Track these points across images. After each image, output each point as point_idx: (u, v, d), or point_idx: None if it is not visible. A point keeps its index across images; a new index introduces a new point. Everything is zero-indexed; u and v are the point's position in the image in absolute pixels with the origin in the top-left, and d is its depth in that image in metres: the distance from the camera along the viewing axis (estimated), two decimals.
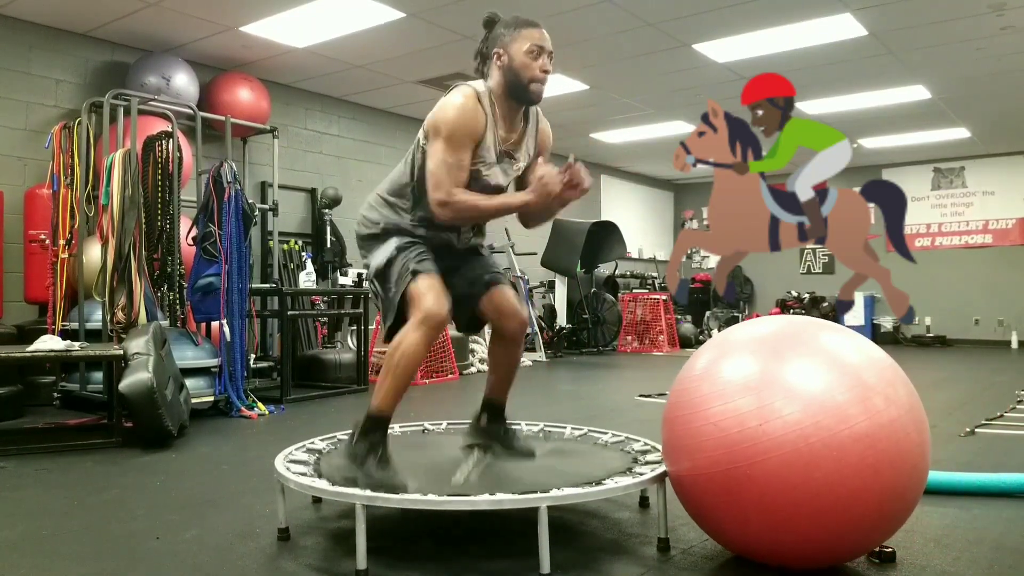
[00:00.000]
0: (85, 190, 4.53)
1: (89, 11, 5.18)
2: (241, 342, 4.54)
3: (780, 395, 1.71)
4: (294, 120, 7.04)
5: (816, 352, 1.81)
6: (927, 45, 5.90)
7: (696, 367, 1.94)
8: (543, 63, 2.16)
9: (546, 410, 4.51)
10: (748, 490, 1.71)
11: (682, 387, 1.94)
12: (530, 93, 2.18)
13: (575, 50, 6.03)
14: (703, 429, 1.78)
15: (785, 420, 1.68)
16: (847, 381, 1.72)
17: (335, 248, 6.81)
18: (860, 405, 1.69)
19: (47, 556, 2.04)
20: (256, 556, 2.04)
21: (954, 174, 10.61)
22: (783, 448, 1.66)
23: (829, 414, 1.67)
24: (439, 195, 2.13)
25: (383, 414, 2.13)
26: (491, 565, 1.98)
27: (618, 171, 11.50)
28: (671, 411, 1.95)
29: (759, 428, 1.69)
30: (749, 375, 1.78)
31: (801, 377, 1.75)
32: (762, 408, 1.71)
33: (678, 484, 1.94)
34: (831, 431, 1.65)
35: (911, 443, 1.72)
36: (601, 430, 2.76)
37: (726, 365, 1.85)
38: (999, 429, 3.84)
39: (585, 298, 9.21)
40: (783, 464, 1.66)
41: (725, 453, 1.73)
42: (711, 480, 1.78)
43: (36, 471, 3.02)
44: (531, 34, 2.16)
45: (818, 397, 1.70)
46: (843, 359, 1.79)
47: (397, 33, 5.62)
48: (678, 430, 1.89)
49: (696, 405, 1.83)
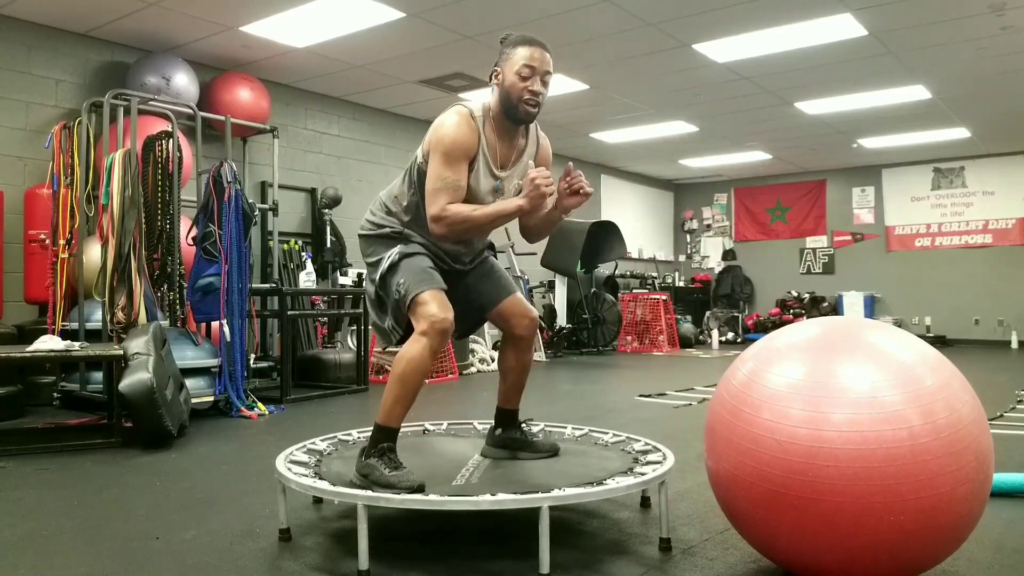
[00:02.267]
0: (85, 190, 4.53)
1: (89, 11, 5.18)
2: (241, 342, 4.54)
3: (837, 404, 1.62)
4: (294, 120, 7.04)
5: (871, 355, 1.71)
6: (927, 45, 5.90)
7: (747, 368, 1.85)
8: (532, 84, 2.14)
9: (546, 410, 4.51)
10: (792, 518, 1.64)
11: (735, 384, 1.85)
12: (519, 113, 2.18)
13: (575, 50, 6.03)
14: (758, 437, 1.70)
15: (842, 432, 1.58)
16: (908, 386, 1.62)
17: (335, 248, 6.81)
18: (920, 413, 1.58)
19: (47, 556, 2.04)
20: (257, 556, 2.04)
21: (954, 174, 10.61)
22: (840, 463, 1.57)
23: (888, 423, 1.57)
24: (433, 210, 2.15)
25: (391, 425, 2.12)
26: (491, 565, 1.98)
27: (618, 171, 11.50)
28: (720, 406, 1.87)
29: (816, 464, 1.59)
30: (805, 380, 1.69)
31: (858, 383, 1.64)
32: (819, 429, 1.61)
33: (715, 477, 1.87)
34: (893, 444, 1.55)
35: (977, 450, 1.62)
36: (602, 430, 2.76)
37: (781, 368, 1.76)
38: (999, 429, 3.84)
39: (585, 298, 9.21)
40: (841, 480, 1.57)
41: (779, 473, 1.65)
42: (753, 489, 1.71)
43: (36, 471, 3.02)
44: (525, 53, 2.15)
45: (875, 405, 1.59)
46: (899, 360, 1.69)
47: (397, 33, 5.62)
48: (729, 428, 1.80)
49: (752, 406, 1.75)
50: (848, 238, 11.37)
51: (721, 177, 12.17)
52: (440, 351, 2.22)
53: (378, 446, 2.08)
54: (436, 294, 2.15)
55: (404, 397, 2.11)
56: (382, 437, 2.10)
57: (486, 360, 6.97)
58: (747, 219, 12.34)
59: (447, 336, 2.14)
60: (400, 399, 2.10)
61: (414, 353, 2.09)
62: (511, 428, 2.47)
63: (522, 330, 2.38)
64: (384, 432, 2.11)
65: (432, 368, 2.25)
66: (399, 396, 2.10)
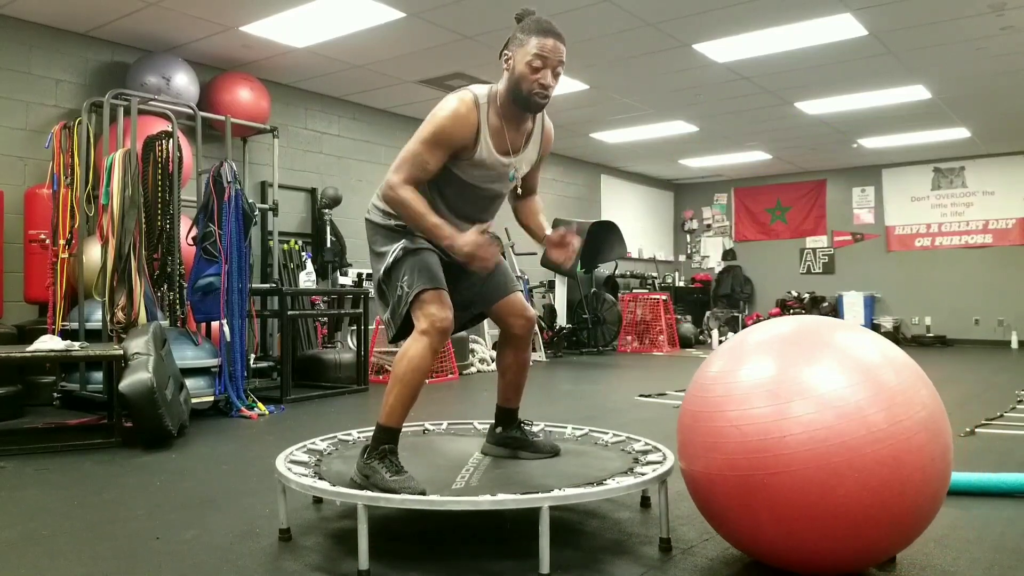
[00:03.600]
0: (85, 190, 4.53)
1: (89, 11, 5.17)
2: (241, 342, 4.54)
3: (801, 401, 1.68)
4: (294, 120, 7.04)
5: (836, 354, 1.77)
6: (927, 45, 5.90)
7: (717, 366, 1.90)
8: (543, 77, 2.13)
9: (546, 410, 4.51)
10: (764, 497, 1.69)
11: (703, 384, 1.90)
12: (529, 103, 2.17)
13: (575, 50, 5.99)
14: (723, 430, 1.75)
15: (807, 429, 1.65)
16: (870, 386, 1.69)
17: (335, 248, 6.81)
18: (884, 412, 1.65)
19: (47, 556, 2.04)
20: (257, 556, 2.04)
21: (954, 174, 10.61)
22: (803, 460, 1.64)
23: (852, 422, 1.64)
24: (393, 178, 2.15)
25: (392, 426, 2.11)
26: (491, 565, 1.98)
27: (618, 171, 11.50)
28: (690, 406, 1.92)
29: (780, 438, 1.66)
30: (769, 377, 1.75)
31: (823, 381, 1.71)
32: (783, 415, 1.68)
33: (691, 481, 1.92)
34: (854, 443, 1.62)
35: (936, 450, 1.70)
36: (602, 430, 2.76)
37: (747, 366, 1.82)
38: (999, 429, 3.84)
39: (585, 298, 9.21)
40: (803, 477, 1.64)
41: (744, 458, 1.71)
42: (727, 482, 1.75)
43: (36, 471, 3.02)
44: (539, 43, 2.13)
45: (839, 403, 1.66)
46: (863, 361, 1.76)
47: (397, 33, 5.62)
48: (698, 427, 1.85)
49: (716, 405, 1.80)
50: (848, 238, 11.37)
51: (721, 177, 12.16)
52: (440, 350, 2.22)
53: (380, 447, 2.08)
54: (437, 293, 2.15)
55: (405, 397, 2.10)
56: (384, 437, 2.10)
57: (486, 360, 6.97)
58: (747, 219, 12.34)
59: (447, 335, 2.15)
60: (401, 399, 2.10)
61: (414, 352, 2.09)
62: (511, 427, 2.48)
63: (518, 329, 2.40)
64: (386, 432, 2.11)
65: (432, 367, 2.25)
66: (400, 396, 2.10)
